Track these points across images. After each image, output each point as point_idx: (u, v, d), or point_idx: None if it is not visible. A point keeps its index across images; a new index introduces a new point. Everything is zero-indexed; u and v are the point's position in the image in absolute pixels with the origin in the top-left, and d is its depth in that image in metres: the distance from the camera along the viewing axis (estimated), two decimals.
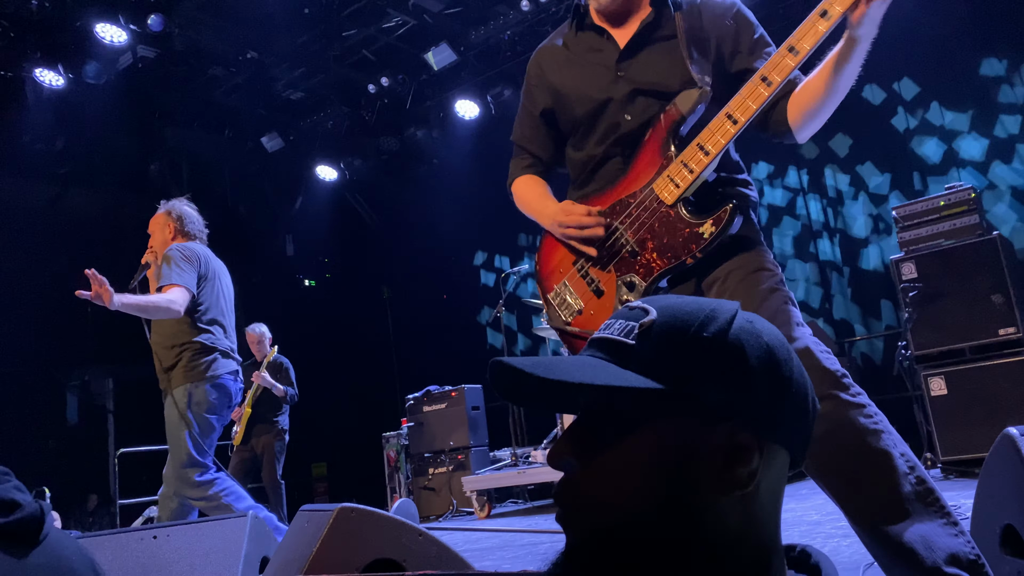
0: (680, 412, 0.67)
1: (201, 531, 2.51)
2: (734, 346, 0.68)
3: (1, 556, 1.51)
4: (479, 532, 5.14)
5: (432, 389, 7.36)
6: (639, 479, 0.66)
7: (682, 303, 0.72)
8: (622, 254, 1.80)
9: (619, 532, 0.65)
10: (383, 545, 1.97)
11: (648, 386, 0.66)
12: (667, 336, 0.69)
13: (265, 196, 10.24)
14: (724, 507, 0.66)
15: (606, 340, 0.72)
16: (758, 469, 0.67)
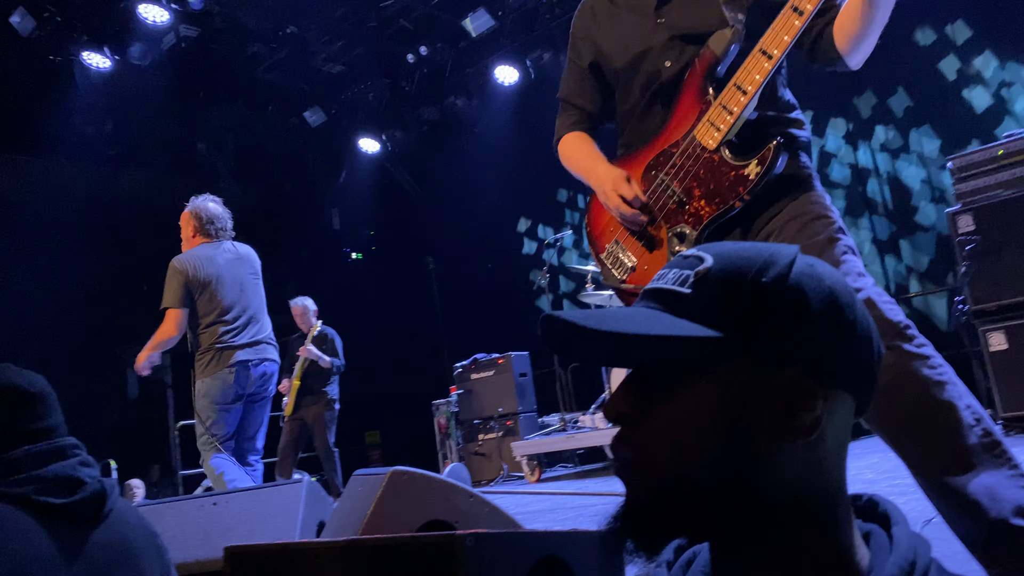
0: (739, 360, 0.65)
1: (259, 497, 2.58)
2: (794, 291, 0.66)
3: (66, 535, 1.55)
4: (530, 495, 5.19)
5: (479, 357, 7.41)
6: (698, 430, 0.65)
7: (739, 249, 0.69)
8: (670, 205, 1.78)
9: (679, 484, 0.64)
10: (435, 507, 2.00)
11: (705, 335, 0.64)
12: (724, 283, 0.67)
13: (310, 171, 10.34)
14: (787, 456, 0.64)
15: (660, 290, 0.70)
16: (822, 416, 0.65)
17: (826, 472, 0.66)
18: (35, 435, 1.61)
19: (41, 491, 1.54)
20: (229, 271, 4.32)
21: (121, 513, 1.71)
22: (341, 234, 10.91)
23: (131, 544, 1.69)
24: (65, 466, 1.60)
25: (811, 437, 0.64)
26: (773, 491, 0.64)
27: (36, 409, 1.64)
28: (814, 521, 0.64)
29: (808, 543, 0.64)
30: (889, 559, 0.63)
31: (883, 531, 0.68)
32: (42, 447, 1.59)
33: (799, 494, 0.64)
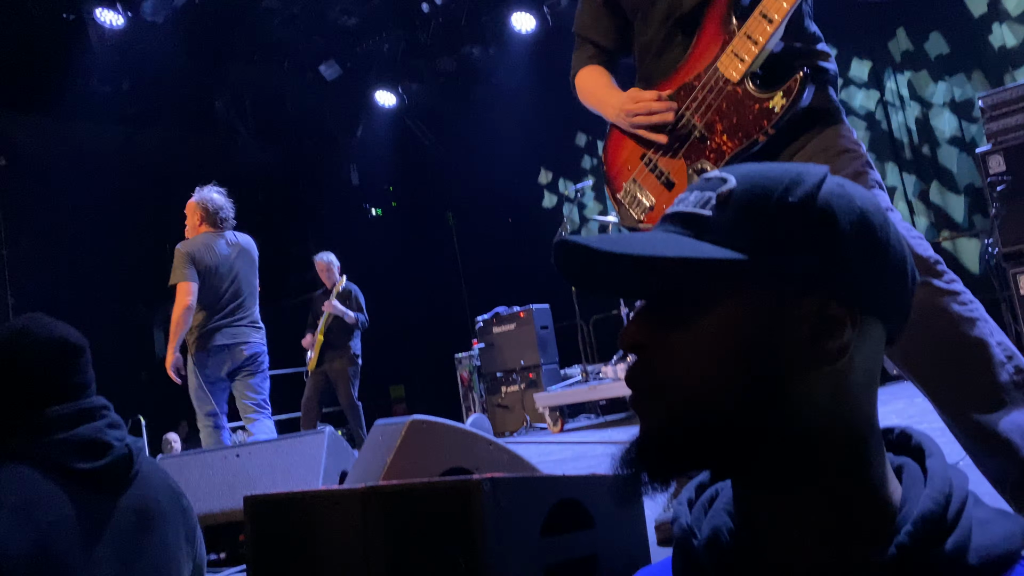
0: (763, 284, 0.61)
1: (281, 448, 2.61)
2: (823, 211, 0.62)
3: (92, 501, 1.53)
4: (552, 444, 5.22)
5: (501, 310, 7.41)
6: (720, 357, 0.61)
7: (764, 169, 0.66)
8: (691, 140, 1.72)
9: (700, 414, 0.61)
10: (455, 454, 2.00)
11: (728, 257, 0.60)
12: (748, 204, 0.63)
13: (327, 127, 10.28)
14: (813, 384, 0.61)
15: (681, 214, 0.66)
16: (849, 343, 0.61)
17: (855, 403, 0.63)
18: (74, 389, 1.59)
19: (68, 454, 1.52)
20: (227, 261, 4.64)
21: (147, 476, 1.69)
22: (360, 190, 10.89)
23: (157, 507, 1.68)
24: (93, 428, 1.58)
25: (838, 365, 0.61)
26: (798, 421, 0.61)
27: (78, 362, 1.62)
28: (843, 453, 0.61)
29: (837, 476, 0.61)
30: (924, 491, 0.60)
31: (916, 464, 0.65)
32: (71, 408, 1.57)
33: (826, 425, 0.61)
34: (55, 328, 1.62)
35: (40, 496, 1.47)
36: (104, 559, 1.50)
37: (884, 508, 0.61)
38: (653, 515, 1.78)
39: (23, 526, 1.41)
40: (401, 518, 1.40)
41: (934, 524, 0.57)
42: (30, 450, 1.50)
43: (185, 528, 1.77)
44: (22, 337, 1.58)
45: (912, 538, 0.56)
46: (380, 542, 1.44)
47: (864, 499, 0.61)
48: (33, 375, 1.56)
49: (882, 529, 0.59)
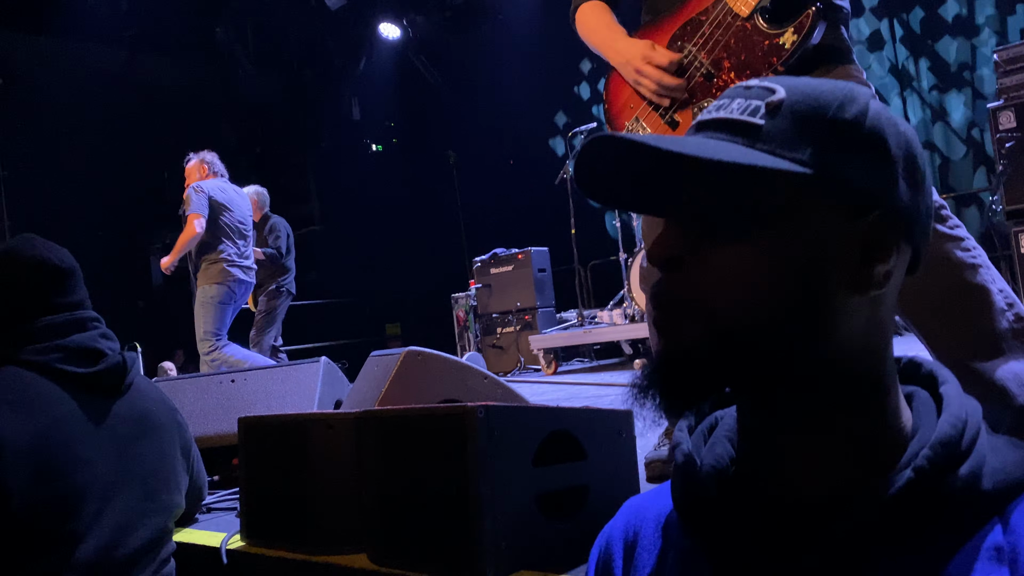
0: (821, 201, 0.59)
1: (276, 375, 2.61)
2: (875, 131, 0.60)
3: (88, 404, 1.58)
4: (546, 384, 5.26)
5: (499, 251, 7.39)
6: (767, 275, 0.58)
7: (812, 83, 0.63)
8: (697, 79, 1.67)
9: (742, 334, 0.58)
10: (449, 386, 2.01)
11: (797, 170, 0.58)
12: (803, 116, 0.60)
13: (330, 58, 10.10)
14: (855, 309, 0.60)
15: (726, 120, 0.62)
16: (894, 269, 0.61)
17: (883, 330, 0.62)
18: (61, 308, 1.64)
19: (63, 360, 1.57)
20: (237, 203, 5.31)
21: (142, 388, 1.74)
22: (361, 125, 10.75)
23: (152, 417, 1.72)
24: (86, 337, 1.62)
25: (882, 290, 0.60)
26: (836, 346, 0.59)
27: (65, 283, 1.67)
28: (868, 380, 0.61)
29: (858, 403, 0.60)
30: (941, 417, 0.59)
31: (927, 392, 0.64)
32: (63, 318, 1.62)
33: (859, 351, 0.60)
34: (41, 250, 1.66)
35: (39, 394, 1.51)
36: (101, 459, 1.54)
37: (897, 435, 0.60)
38: (643, 452, 1.80)
39: (24, 420, 1.45)
40: (394, 443, 1.41)
41: (951, 449, 0.56)
42: (26, 356, 1.53)
43: (181, 442, 1.80)
44: (9, 255, 1.64)
45: (931, 462, 0.55)
46: (373, 467, 1.45)
47: (880, 426, 0.60)
48: (18, 293, 1.61)
49: (895, 456, 0.58)
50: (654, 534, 0.70)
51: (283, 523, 1.64)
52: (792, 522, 0.59)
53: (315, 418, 1.63)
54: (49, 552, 1.43)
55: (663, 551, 0.68)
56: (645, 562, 0.69)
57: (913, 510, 0.55)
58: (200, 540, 1.81)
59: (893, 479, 0.55)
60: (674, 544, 0.67)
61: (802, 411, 0.61)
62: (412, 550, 1.34)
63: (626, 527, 0.73)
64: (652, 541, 0.69)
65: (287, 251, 6.39)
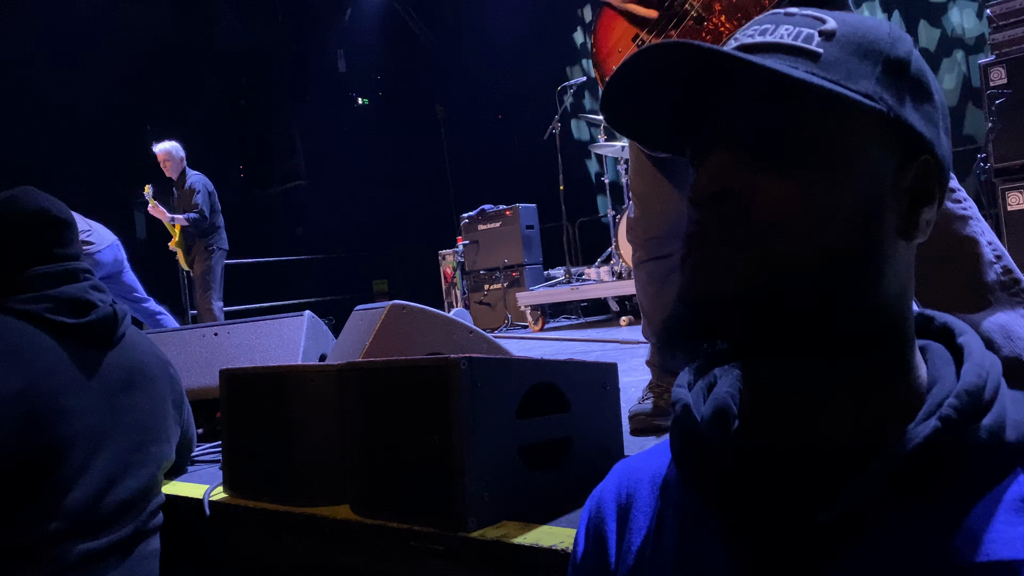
0: (879, 139, 0.56)
1: (260, 328, 2.60)
2: (921, 73, 0.59)
3: (80, 354, 1.57)
4: (532, 340, 5.27)
5: (487, 208, 7.34)
6: (829, 212, 0.54)
7: (856, 16, 0.60)
8: (686, 22, 1.65)
9: (795, 277, 0.54)
10: (434, 340, 2.00)
11: (866, 103, 0.54)
12: (859, 49, 0.57)
13: (315, 9, 9.90)
14: (900, 256, 0.58)
15: (777, 44, 0.57)
16: (934, 217, 0.59)
17: (912, 281, 0.60)
18: (58, 259, 1.64)
19: (54, 310, 1.56)
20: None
21: (134, 340, 1.73)
22: (347, 77, 10.59)
23: (145, 368, 1.71)
24: (77, 288, 1.62)
25: (926, 237, 0.58)
26: (880, 294, 0.57)
27: (64, 234, 1.67)
28: (895, 330, 0.59)
29: (884, 354, 0.58)
30: (964, 366, 0.57)
31: (941, 345, 0.62)
32: (54, 268, 1.61)
33: (893, 301, 0.58)
34: (43, 200, 1.68)
35: (29, 343, 1.51)
36: (91, 409, 1.54)
37: (914, 387, 0.58)
38: (627, 406, 1.80)
39: (14, 368, 1.45)
40: (377, 395, 1.40)
41: (976, 398, 0.54)
42: (16, 305, 1.53)
43: (172, 395, 1.80)
44: (11, 204, 1.64)
45: (958, 411, 0.53)
46: (356, 419, 1.44)
47: (901, 378, 0.58)
48: (17, 239, 1.61)
49: (912, 408, 0.56)
50: (650, 495, 0.67)
51: (265, 475, 1.63)
52: (807, 475, 0.56)
53: (297, 370, 1.62)
54: (37, 500, 1.43)
55: (660, 511, 0.65)
56: (641, 524, 0.66)
57: (937, 460, 0.52)
58: (184, 492, 1.81)
59: (916, 430, 0.53)
60: (673, 504, 0.65)
61: (834, 360, 0.57)
62: (394, 501, 1.34)
63: (618, 489, 0.70)
64: (648, 503, 0.67)
65: (212, 209, 6.11)
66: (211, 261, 6.09)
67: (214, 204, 6.15)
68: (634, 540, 0.66)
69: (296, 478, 1.57)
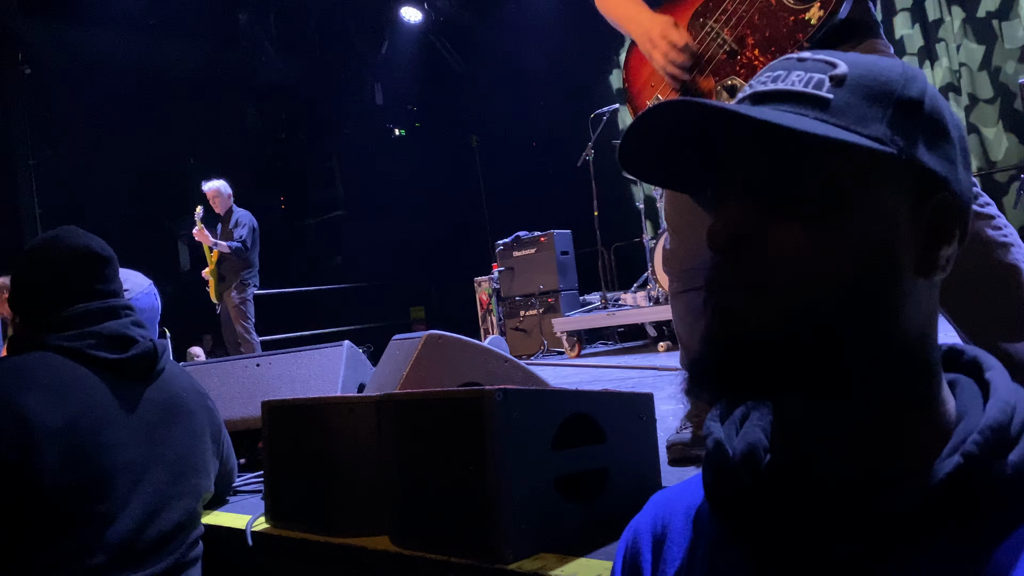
0: (891, 181, 0.57)
1: (300, 359, 2.63)
2: (936, 111, 0.59)
3: (120, 389, 1.60)
4: (569, 367, 5.26)
5: (522, 234, 7.38)
6: (842, 254, 0.56)
7: (870, 58, 0.61)
8: (720, 56, 1.65)
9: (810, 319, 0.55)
10: (470, 369, 2.02)
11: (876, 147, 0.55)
12: (870, 92, 0.58)
13: (352, 42, 10.11)
14: (918, 294, 0.58)
15: (788, 92, 0.59)
16: (955, 254, 0.59)
17: (935, 315, 0.60)
18: (99, 296, 1.68)
19: (96, 346, 1.59)
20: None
21: (173, 374, 1.76)
22: (384, 109, 10.76)
23: (183, 402, 1.75)
24: (119, 324, 1.65)
25: (945, 274, 0.59)
26: (897, 332, 0.57)
27: (104, 271, 1.71)
28: (918, 367, 0.59)
29: (908, 389, 0.58)
30: (990, 402, 0.57)
31: (971, 379, 0.62)
32: (96, 305, 1.65)
33: (914, 337, 0.58)
34: (84, 238, 1.73)
35: (72, 379, 1.54)
36: (131, 443, 1.57)
37: (942, 423, 0.58)
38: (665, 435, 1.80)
39: (57, 403, 1.48)
40: (414, 426, 1.42)
41: (1001, 434, 0.54)
42: (60, 342, 1.56)
43: (211, 427, 1.83)
44: (55, 243, 1.69)
45: (980, 447, 0.53)
46: (393, 450, 1.46)
47: (927, 413, 0.58)
48: (62, 277, 1.65)
49: (939, 443, 0.56)
50: (684, 527, 0.68)
51: (306, 505, 1.65)
52: (832, 510, 0.57)
53: (337, 401, 1.65)
54: (79, 532, 1.46)
55: (693, 543, 0.66)
56: (675, 556, 0.67)
57: (960, 497, 0.52)
58: (226, 522, 1.84)
59: (940, 465, 0.53)
60: (704, 535, 0.66)
61: (855, 398, 0.58)
62: (433, 532, 1.35)
63: (654, 520, 0.71)
64: (682, 534, 0.68)
65: (252, 244, 6.37)
66: (245, 294, 6.34)
67: (255, 240, 6.38)
68: (668, 572, 0.67)
69: (336, 508, 1.59)
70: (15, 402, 1.44)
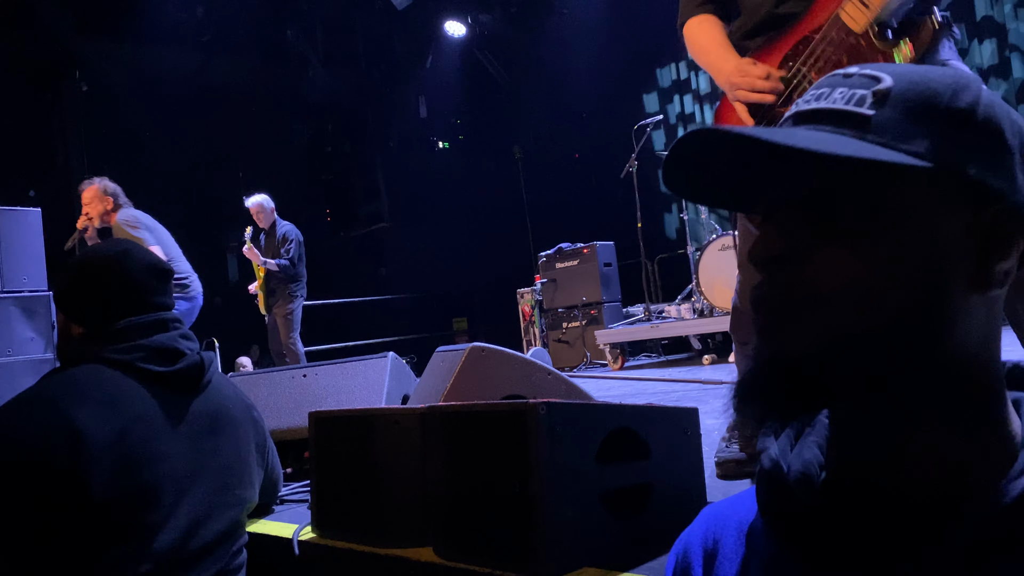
0: (939, 196, 0.56)
1: (346, 370, 2.67)
2: (991, 120, 0.57)
3: (168, 401, 1.64)
4: (612, 380, 5.23)
5: (564, 246, 7.38)
6: (887, 274, 0.55)
7: (919, 69, 0.59)
8: None
9: (855, 340, 0.55)
10: (513, 382, 2.02)
11: (914, 163, 0.54)
12: (914, 106, 0.56)
13: (397, 57, 10.24)
14: (973, 310, 0.56)
15: (830, 111, 0.58)
16: (1014, 267, 0.57)
17: (996, 331, 0.58)
18: (154, 307, 1.72)
19: (144, 359, 1.63)
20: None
21: (219, 385, 1.80)
22: (428, 122, 10.87)
23: (229, 413, 1.78)
24: (167, 337, 1.69)
25: (1003, 289, 0.57)
26: (951, 349, 0.56)
27: (165, 284, 1.77)
28: (980, 383, 0.57)
29: (969, 407, 0.57)
30: None
31: None
32: (147, 319, 1.69)
33: (972, 354, 0.57)
34: (150, 254, 1.80)
35: (123, 392, 1.58)
36: (179, 454, 1.60)
37: (1007, 442, 0.57)
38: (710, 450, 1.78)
39: (108, 416, 1.52)
40: (458, 439, 1.43)
41: None
42: (110, 355, 1.60)
43: (256, 438, 1.86)
44: (126, 256, 1.74)
45: None
46: (438, 461, 1.47)
47: (989, 433, 0.57)
48: (125, 291, 1.70)
49: (1004, 465, 0.54)
50: (736, 542, 0.67)
51: (352, 516, 1.67)
52: (892, 528, 0.56)
53: (382, 413, 1.66)
54: (128, 542, 1.50)
55: (745, 559, 0.65)
56: (727, 571, 0.66)
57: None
58: (273, 531, 1.86)
59: (1007, 487, 0.52)
60: (758, 552, 0.65)
61: (911, 417, 0.57)
62: (476, 545, 1.36)
63: (705, 535, 0.71)
64: (734, 550, 0.67)
65: (299, 259, 6.48)
66: (293, 304, 6.42)
67: (301, 254, 6.49)
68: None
69: (381, 519, 1.60)
70: (69, 415, 1.47)
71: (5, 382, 4.76)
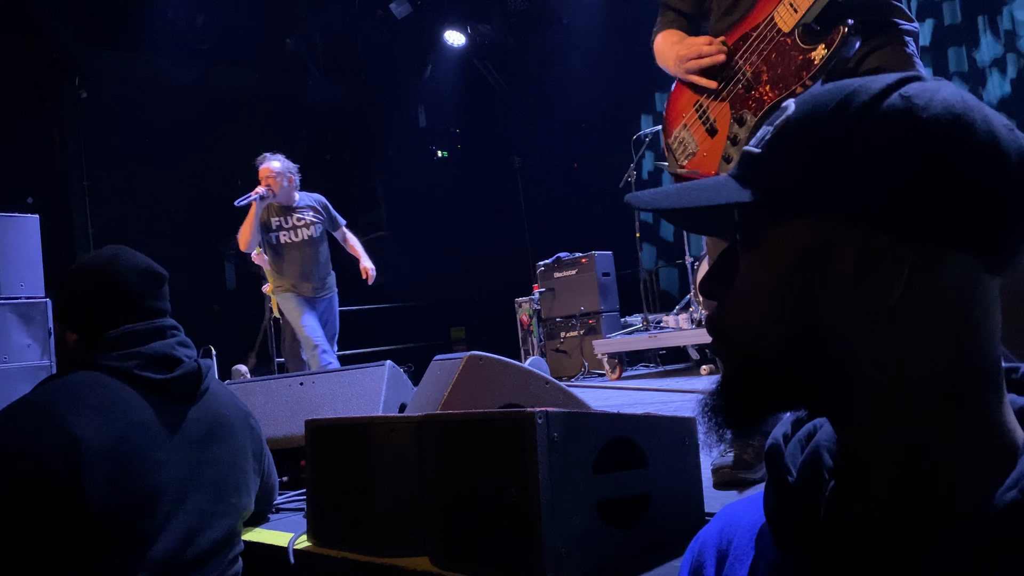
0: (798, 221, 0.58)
1: (343, 379, 2.66)
2: (884, 125, 0.55)
3: (164, 409, 1.63)
4: (610, 390, 5.23)
5: (563, 256, 7.38)
6: (766, 303, 0.59)
7: (827, 87, 0.60)
8: (737, 89, 1.78)
9: (755, 357, 0.61)
10: (511, 391, 2.02)
11: (735, 200, 0.60)
12: (797, 132, 0.59)
13: (396, 66, 10.26)
14: (864, 325, 0.56)
15: (742, 153, 0.65)
16: (895, 280, 0.54)
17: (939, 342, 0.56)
18: (151, 312, 1.71)
19: (141, 366, 1.62)
20: None
21: (216, 393, 1.79)
22: (427, 131, 10.88)
23: (226, 421, 1.77)
24: (164, 345, 1.68)
25: (889, 303, 0.55)
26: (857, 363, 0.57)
27: (159, 289, 1.76)
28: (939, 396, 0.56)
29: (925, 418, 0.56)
30: None
31: None
32: (144, 326, 1.67)
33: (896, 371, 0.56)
34: (142, 258, 1.78)
35: (119, 399, 1.57)
36: (175, 462, 1.59)
37: (1004, 450, 0.56)
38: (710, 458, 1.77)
39: (105, 424, 1.51)
40: (455, 448, 1.42)
41: None
42: (107, 362, 1.59)
43: (253, 445, 1.85)
44: (116, 260, 1.72)
45: None
46: (435, 470, 1.47)
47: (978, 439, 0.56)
48: (118, 297, 1.68)
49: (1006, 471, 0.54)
50: (747, 544, 0.68)
51: (348, 524, 1.67)
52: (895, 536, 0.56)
53: (379, 422, 1.66)
54: (123, 550, 1.49)
55: (755, 563, 0.66)
56: (737, 572, 0.67)
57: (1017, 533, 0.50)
58: (268, 539, 1.85)
59: (1003, 496, 0.52)
60: (765, 555, 0.65)
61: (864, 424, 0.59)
62: (473, 554, 1.35)
63: (720, 535, 0.72)
64: (744, 551, 0.68)
65: None
66: None
67: None
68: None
69: (377, 528, 1.60)
70: (65, 422, 1.47)
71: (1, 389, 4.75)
